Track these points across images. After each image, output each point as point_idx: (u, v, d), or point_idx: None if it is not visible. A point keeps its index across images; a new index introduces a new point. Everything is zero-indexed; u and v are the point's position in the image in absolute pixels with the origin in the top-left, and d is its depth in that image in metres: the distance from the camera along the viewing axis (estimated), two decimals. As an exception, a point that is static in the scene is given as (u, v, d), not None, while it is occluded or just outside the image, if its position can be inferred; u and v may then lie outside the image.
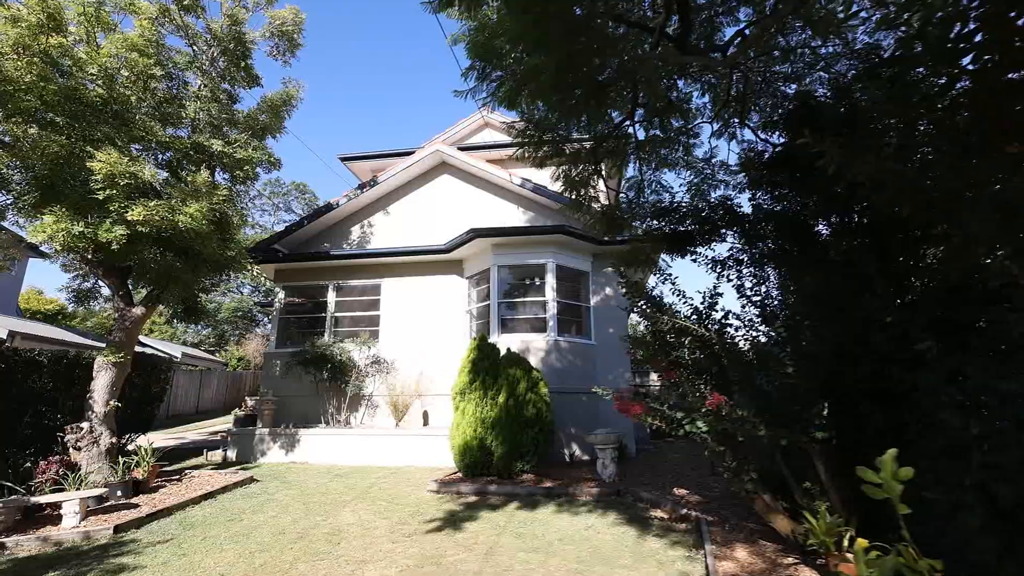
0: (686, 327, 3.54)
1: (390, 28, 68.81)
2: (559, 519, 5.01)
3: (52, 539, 4.60)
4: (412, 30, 68.03)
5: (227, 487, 6.40)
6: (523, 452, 6.28)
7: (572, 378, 8.31)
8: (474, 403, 6.51)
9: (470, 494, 5.98)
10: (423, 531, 4.75)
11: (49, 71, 5.54)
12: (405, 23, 68.80)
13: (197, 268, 6.91)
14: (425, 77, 72.06)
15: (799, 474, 3.99)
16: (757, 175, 5.24)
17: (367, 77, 71.49)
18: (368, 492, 6.29)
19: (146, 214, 5.62)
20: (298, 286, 10.23)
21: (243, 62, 7.67)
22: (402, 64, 71.43)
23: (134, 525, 4.99)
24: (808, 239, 4.80)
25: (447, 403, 8.96)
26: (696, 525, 4.59)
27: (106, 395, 6.34)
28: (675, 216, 4.88)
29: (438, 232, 9.79)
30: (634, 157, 5.72)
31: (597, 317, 9.03)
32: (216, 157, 7.21)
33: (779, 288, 4.18)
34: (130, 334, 6.69)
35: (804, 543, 3.52)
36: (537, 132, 4.77)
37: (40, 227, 5.23)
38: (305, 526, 5.00)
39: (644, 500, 5.48)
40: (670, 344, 3.79)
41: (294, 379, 9.20)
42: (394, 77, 72.45)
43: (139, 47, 6.16)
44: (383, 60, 71.02)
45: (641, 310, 4.72)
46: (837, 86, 4.80)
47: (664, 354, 3.84)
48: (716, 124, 5.75)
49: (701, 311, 4.13)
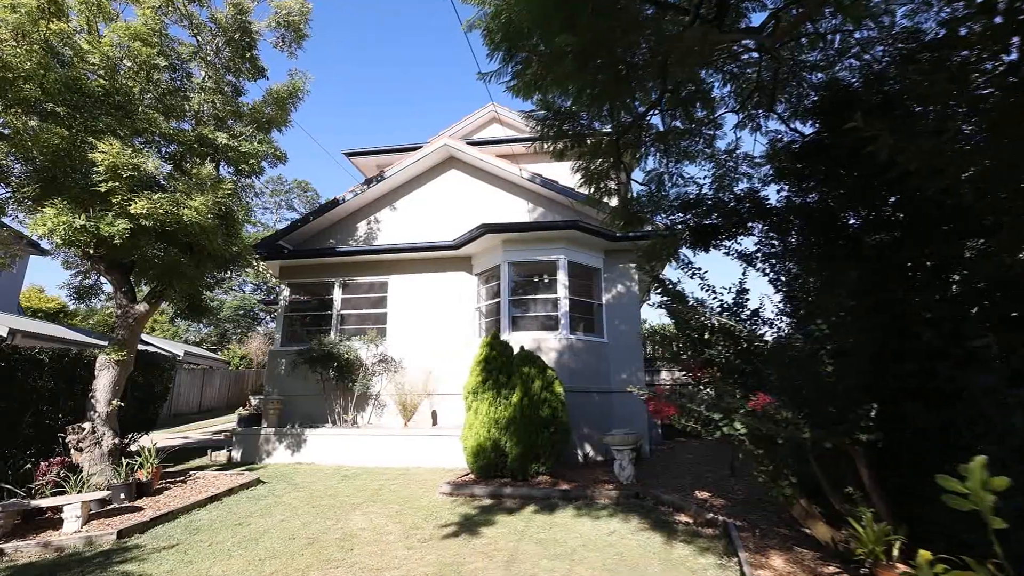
0: (724, 324, 3.35)
1: (389, 25, 68.58)
2: (580, 524, 4.82)
3: (53, 544, 4.42)
4: (413, 26, 67.83)
5: (233, 489, 6.22)
6: (539, 453, 6.09)
7: (584, 377, 8.13)
8: (487, 403, 6.32)
9: (484, 497, 5.80)
10: (439, 536, 4.57)
11: (49, 60, 5.35)
12: (407, 19, 68.55)
13: (201, 264, 6.73)
14: (425, 74, 71.85)
15: (832, 478, 3.81)
16: (783, 166, 5.05)
17: (366, 72, 71.27)
18: (378, 494, 6.10)
19: (149, 207, 5.43)
20: (303, 283, 10.04)
21: (248, 52, 7.48)
22: (403, 59, 71.21)
23: (138, 530, 4.81)
24: (840, 232, 4.62)
25: (456, 402, 8.79)
26: (724, 530, 4.40)
27: (109, 394, 6.16)
28: (701, 209, 4.69)
29: (446, 228, 9.60)
30: (654, 149, 5.52)
31: (609, 315, 8.84)
32: (221, 150, 7.01)
33: (811, 283, 3.98)
34: (133, 332, 6.50)
35: (847, 551, 3.34)
36: (557, 122, 4.57)
37: (40, 220, 5.05)
38: (315, 531, 4.81)
39: (665, 503, 5.30)
40: (703, 342, 3.60)
41: (300, 378, 9.02)
42: (394, 72, 72.23)
43: (142, 36, 5.97)
44: (383, 55, 70.81)
45: (669, 307, 4.52)
46: (869, 74, 4.61)
47: (696, 352, 3.65)
48: (739, 115, 5.55)
49: (731, 308, 3.94)
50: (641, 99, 4.75)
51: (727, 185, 5.18)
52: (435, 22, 68.96)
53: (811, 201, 4.78)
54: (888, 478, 3.46)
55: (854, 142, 4.16)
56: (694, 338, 3.71)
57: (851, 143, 4.33)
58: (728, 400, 3.35)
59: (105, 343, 13.21)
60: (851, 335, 3.55)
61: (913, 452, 3.45)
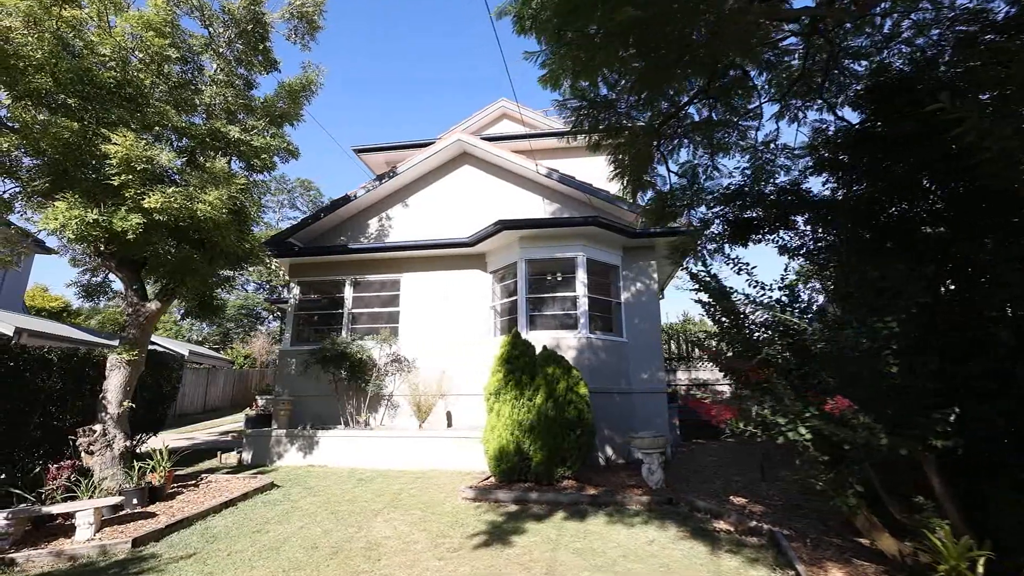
0: (787, 322, 3.14)
1: (392, 21, 68.36)
2: (615, 532, 4.61)
3: (66, 554, 4.21)
4: (417, 23, 67.61)
5: (247, 494, 6.01)
6: (564, 457, 5.88)
7: (604, 377, 7.91)
8: (510, 404, 6.10)
9: (509, 502, 5.59)
10: (469, 546, 4.36)
11: (60, 50, 5.14)
12: (408, 14, 68.33)
13: (214, 261, 6.53)
14: (425, 72, 71.62)
15: (888, 486, 3.60)
16: (826, 157, 4.84)
17: (370, 67, 71.05)
18: (398, 499, 5.89)
19: (164, 201, 5.22)
20: (313, 281, 9.83)
21: (262, 44, 7.26)
22: (407, 54, 70.97)
23: (153, 538, 4.60)
24: (890, 225, 4.40)
25: (470, 403, 8.59)
26: (771, 539, 4.19)
27: (120, 395, 5.95)
28: (743, 202, 4.47)
29: (459, 225, 9.39)
30: (687, 141, 5.30)
31: (628, 313, 8.62)
32: (233, 145, 6.81)
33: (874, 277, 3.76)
34: (144, 330, 6.30)
35: (917, 565, 3.12)
36: (594, 110, 4.35)
37: (52, 214, 4.84)
38: (338, 539, 4.60)
39: (701, 509, 5.08)
40: (759, 341, 3.39)
41: (311, 378, 8.81)
42: (396, 70, 71.99)
43: (156, 25, 5.76)
44: (386, 51, 70.57)
45: (707, 303, 4.31)
46: (922, 59, 4.39)
47: (750, 352, 3.44)
48: (777, 105, 5.34)
49: (784, 305, 3.72)
50: (681, 88, 4.54)
51: (766, 177, 4.96)
52: (439, 18, 68.67)
53: (857, 192, 4.57)
54: (958, 485, 3.25)
55: (913, 129, 3.95)
56: (746, 336, 3.49)
57: (907, 130, 4.13)
58: (790, 403, 3.14)
59: (109, 342, 13.03)
60: (918, 333, 3.34)
61: (986, 458, 3.24)
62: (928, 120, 4.08)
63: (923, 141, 4.17)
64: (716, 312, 4.44)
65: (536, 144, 10.48)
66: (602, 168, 10.36)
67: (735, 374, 3.83)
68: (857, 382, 3.34)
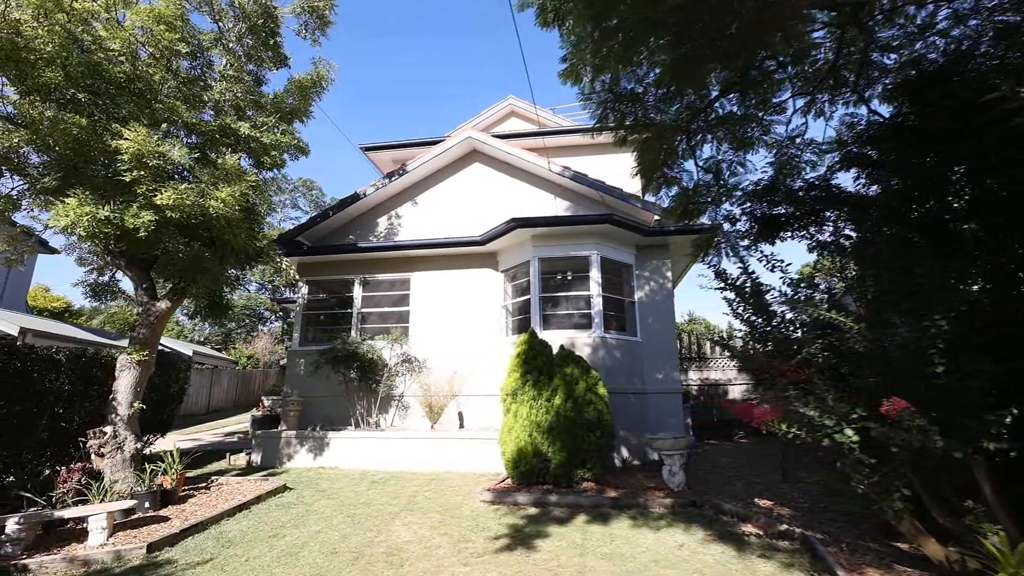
0: (835, 320, 3.03)
1: (394, 21, 68.23)
2: (641, 536, 4.50)
3: (79, 559, 4.10)
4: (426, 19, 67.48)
5: (260, 497, 5.91)
6: (584, 459, 5.77)
7: (619, 377, 7.80)
8: (527, 405, 5.99)
9: (529, 505, 5.48)
10: (492, 550, 4.25)
11: (70, 43, 5.03)
12: (419, 11, 68.19)
13: (224, 259, 6.42)
14: (427, 72, 71.48)
15: (932, 490, 3.49)
16: (855, 152, 4.73)
17: (376, 63, 70.93)
18: (414, 502, 5.79)
19: (176, 198, 5.11)
20: (322, 280, 9.72)
21: (272, 39, 7.14)
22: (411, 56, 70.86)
23: (168, 543, 4.49)
24: (926, 222, 4.29)
25: (482, 403, 8.48)
26: (803, 543, 4.08)
27: (130, 396, 5.84)
28: (772, 198, 4.36)
29: (469, 223, 9.28)
30: (711, 137, 5.19)
31: (642, 312, 8.52)
32: (243, 141, 6.70)
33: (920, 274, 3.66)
34: (154, 331, 6.19)
35: (964, 572, 3.02)
36: (621, 104, 4.24)
37: (62, 211, 4.72)
38: (357, 544, 4.49)
39: (727, 512, 4.97)
40: (799, 340, 3.28)
41: (321, 379, 8.69)
42: (400, 70, 71.88)
43: (167, 19, 5.64)
44: (390, 52, 70.45)
45: (738, 303, 4.20)
46: (958, 50, 4.29)
47: (792, 351, 3.33)
48: (802, 99, 5.23)
49: (820, 302, 3.62)
50: (703, 84, 4.42)
51: (794, 173, 4.85)
52: (447, 15, 68.45)
53: (889, 188, 4.46)
54: (1008, 491, 3.14)
55: (945, 123, 3.85)
56: (785, 335, 3.38)
57: (941, 124, 4.02)
58: (834, 404, 3.03)
59: (113, 342, 12.90)
60: (961, 331, 3.23)
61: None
62: (964, 112, 3.96)
63: (960, 135, 4.07)
64: (746, 311, 4.34)
65: (546, 142, 10.37)
66: (613, 166, 10.30)
67: (769, 375, 3.72)
68: (899, 382, 3.24)
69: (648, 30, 2.95)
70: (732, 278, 4.48)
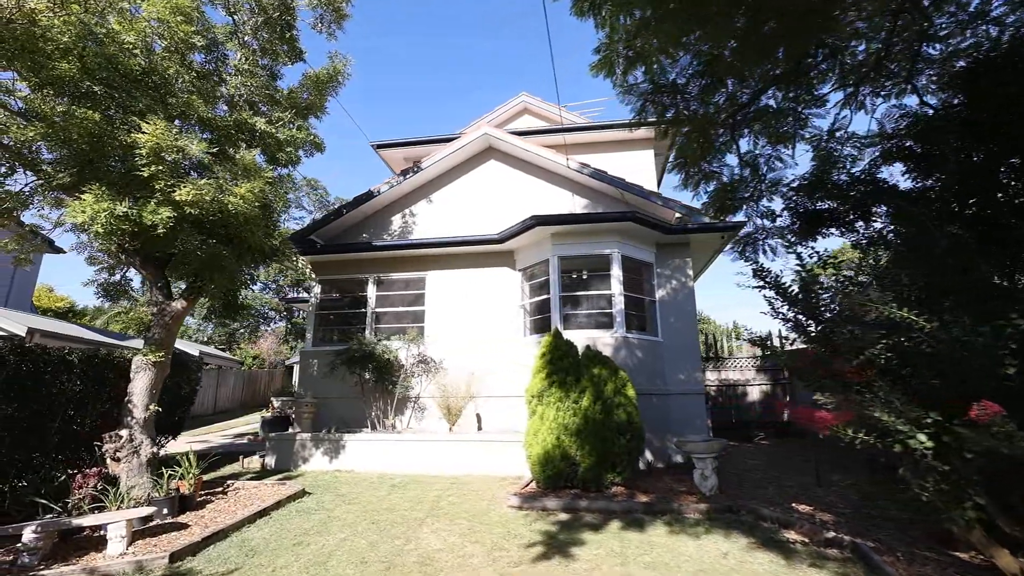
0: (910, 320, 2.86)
1: (397, 22, 68.05)
2: (680, 543, 4.33)
3: (100, 570, 3.93)
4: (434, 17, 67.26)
5: (280, 502, 5.74)
6: (615, 462, 5.61)
7: (642, 377, 7.62)
8: (554, 407, 5.83)
9: (558, 510, 5.31)
10: (529, 559, 4.08)
11: (86, 34, 4.86)
12: (433, 8, 67.98)
13: (241, 257, 6.24)
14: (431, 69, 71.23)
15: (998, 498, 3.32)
16: (901, 146, 4.56)
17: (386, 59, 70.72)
18: (438, 507, 5.62)
19: (195, 194, 4.94)
20: (335, 280, 9.55)
21: (288, 33, 6.98)
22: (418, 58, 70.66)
23: (189, 552, 4.32)
24: (983, 218, 4.12)
25: (500, 405, 8.31)
26: (854, 552, 3.91)
27: (146, 399, 5.68)
28: (819, 193, 4.19)
29: (484, 221, 9.12)
30: (748, 131, 5.03)
31: (663, 312, 8.35)
32: (259, 137, 6.53)
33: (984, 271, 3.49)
34: (170, 331, 6.02)
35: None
36: (662, 96, 4.07)
37: (79, 207, 4.55)
38: (387, 552, 4.33)
39: (766, 518, 4.80)
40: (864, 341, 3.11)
41: (335, 380, 8.52)
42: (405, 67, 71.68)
43: (184, 10, 5.47)
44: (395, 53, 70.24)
45: (782, 301, 4.03)
46: (1014, 38, 4.12)
47: (854, 352, 3.16)
48: (842, 93, 5.06)
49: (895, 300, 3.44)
50: (748, 75, 4.26)
51: (838, 167, 4.68)
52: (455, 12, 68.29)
53: (941, 181, 4.29)
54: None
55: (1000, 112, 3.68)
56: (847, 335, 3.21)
57: (992, 115, 3.85)
58: (902, 407, 2.86)
59: (119, 342, 12.73)
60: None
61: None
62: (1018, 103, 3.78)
63: (1013, 127, 3.90)
64: (791, 309, 4.17)
65: (557, 139, 10.20)
66: (627, 163, 10.13)
67: (823, 376, 3.55)
68: (966, 383, 3.07)
69: (723, 7, 2.78)
70: (772, 276, 4.32)
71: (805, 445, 9.46)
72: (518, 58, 60.63)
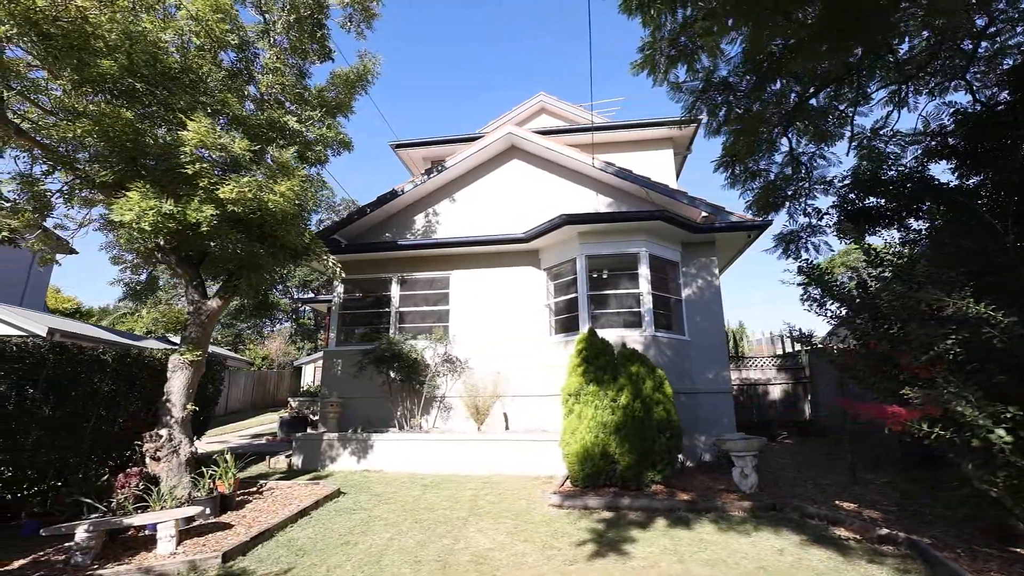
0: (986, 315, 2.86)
1: (400, 22, 68.02)
2: (733, 541, 4.32)
3: (155, 571, 3.91)
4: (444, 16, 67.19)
5: (318, 502, 5.71)
6: (655, 460, 5.60)
7: (671, 376, 7.53)
8: (592, 406, 5.82)
9: (601, 509, 5.30)
10: (584, 557, 4.07)
11: (132, 31, 4.84)
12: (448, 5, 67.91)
13: (276, 255, 6.22)
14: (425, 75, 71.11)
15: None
16: (950, 144, 4.57)
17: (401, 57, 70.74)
18: (477, 506, 5.60)
19: (238, 192, 4.93)
20: (358, 279, 9.53)
21: (319, 32, 6.97)
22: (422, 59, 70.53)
23: (240, 551, 4.30)
24: None
25: (526, 404, 8.30)
26: (912, 549, 3.91)
27: (183, 398, 5.65)
28: (868, 190, 4.19)
29: (507, 220, 9.12)
30: (792, 130, 5.03)
31: (689, 311, 8.34)
32: (290, 135, 6.52)
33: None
34: (205, 330, 6.00)
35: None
36: (716, 92, 4.07)
37: (125, 205, 4.53)
38: (438, 551, 4.31)
39: (813, 516, 4.80)
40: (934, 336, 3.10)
41: (360, 380, 8.49)
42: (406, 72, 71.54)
43: (223, 8, 5.46)
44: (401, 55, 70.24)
45: (839, 301, 4.03)
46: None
47: (924, 349, 3.16)
48: (885, 90, 5.06)
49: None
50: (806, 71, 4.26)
51: (882, 164, 4.68)
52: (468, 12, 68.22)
53: (991, 178, 4.30)
54: None
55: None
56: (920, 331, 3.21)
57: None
58: (978, 402, 2.86)
59: (132, 342, 12.68)
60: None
61: None
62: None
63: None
64: (841, 307, 4.17)
65: (578, 139, 10.21)
66: (649, 162, 10.14)
67: (881, 373, 3.55)
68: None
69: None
70: (819, 272, 4.32)
71: (829, 443, 9.48)
72: (528, 58, 60.56)
